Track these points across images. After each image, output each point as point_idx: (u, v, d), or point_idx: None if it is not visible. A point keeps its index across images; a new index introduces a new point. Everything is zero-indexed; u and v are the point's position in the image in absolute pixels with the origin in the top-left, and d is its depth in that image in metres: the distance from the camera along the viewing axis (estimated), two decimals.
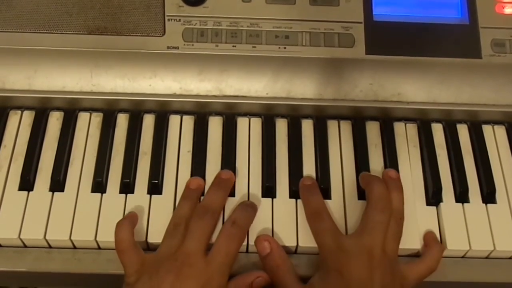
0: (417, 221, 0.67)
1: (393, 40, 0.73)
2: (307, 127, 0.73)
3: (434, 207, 0.68)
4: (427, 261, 0.64)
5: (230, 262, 0.61)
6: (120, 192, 0.67)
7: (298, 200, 0.67)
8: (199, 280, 0.58)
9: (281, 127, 0.73)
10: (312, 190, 0.67)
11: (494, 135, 0.74)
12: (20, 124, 0.71)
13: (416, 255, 0.66)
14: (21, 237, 0.64)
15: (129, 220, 0.63)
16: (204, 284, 0.58)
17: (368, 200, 0.65)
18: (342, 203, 0.67)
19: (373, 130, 0.73)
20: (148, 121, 0.72)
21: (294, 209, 0.67)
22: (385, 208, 0.63)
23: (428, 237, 0.66)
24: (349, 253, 0.60)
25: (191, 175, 0.68)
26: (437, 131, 0.74)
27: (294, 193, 0.68)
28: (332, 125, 0.73)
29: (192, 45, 0.71)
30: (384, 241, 0.61)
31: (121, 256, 0.61)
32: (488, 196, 0.69)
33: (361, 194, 0.68)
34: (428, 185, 0.70)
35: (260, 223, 0.65)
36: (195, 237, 0.61)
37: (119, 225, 0.62)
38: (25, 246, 0.65)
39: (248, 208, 0.65)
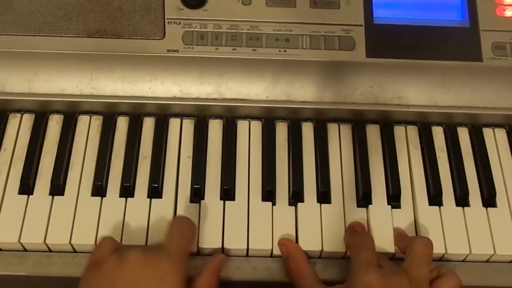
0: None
1: (393, 43, 0.72)
2: (307, 130, 0.72)
3: (437, 207, 0.68)
4: None
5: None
6: (120, 196, 0.67)
7: (299, 204, 0.67)
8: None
9: (281, 130, 0.72)
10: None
11: (494, 138, 0.74)
12: (20, 128, 0.71)
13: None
14: (21, 241, 0.64)
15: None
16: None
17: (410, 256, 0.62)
18: (342, 207, 0.67)
19: (373, 133, 0.73)
20: (148, 124, 0.72)
21: (294, 213, 0.67)
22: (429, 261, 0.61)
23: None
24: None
25: (192, 178, 0.68)
26: (438, 134, 0.73)
27: (294, 197, 0.67)
28: (332, 128, 0.73)
29: (192, 48, 0.71)
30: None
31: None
32: (489, 199, 0.69)
33: (360, 200, 0.68)
34: (429, 187, 0.69)
35: (260, 227, 0.65)
36: None
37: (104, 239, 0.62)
38: (25, 250, 0.65)
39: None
